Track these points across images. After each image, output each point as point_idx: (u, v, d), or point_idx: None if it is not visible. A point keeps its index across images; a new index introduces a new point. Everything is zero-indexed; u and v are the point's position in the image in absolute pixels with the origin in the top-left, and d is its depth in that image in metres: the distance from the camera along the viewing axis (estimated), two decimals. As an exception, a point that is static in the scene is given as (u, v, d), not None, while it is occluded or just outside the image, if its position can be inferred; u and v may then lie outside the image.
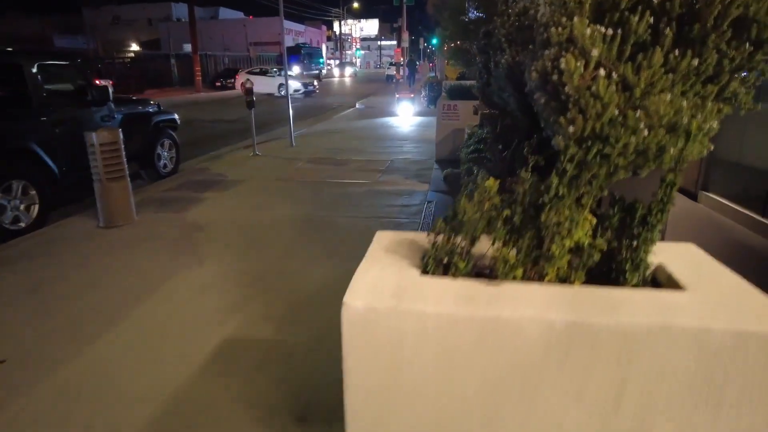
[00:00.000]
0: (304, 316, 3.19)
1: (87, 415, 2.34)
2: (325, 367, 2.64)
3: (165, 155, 7.33)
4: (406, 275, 1.67)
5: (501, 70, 2.60)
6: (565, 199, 1.55)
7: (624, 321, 1.39)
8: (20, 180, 4.97)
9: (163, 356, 2.79)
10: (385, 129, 11.90)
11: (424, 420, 1.59)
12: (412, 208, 5.52)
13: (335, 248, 4.33)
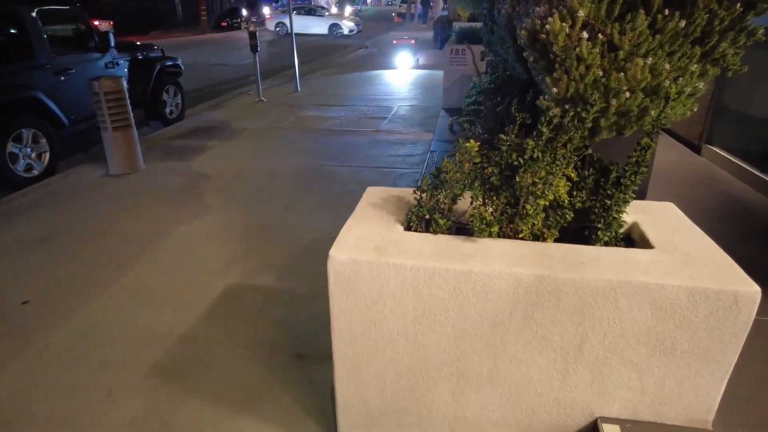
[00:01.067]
0: (304, 265, 3.35)
1: (103, 352, 2.55)
2: (323, 312, 2.81)
3: (170, 102, 7.34)
4: (389, 231, 1.77)
5: (503, 19, 2.57)
6: (539, 161, 1.61)
7: (588, 276, 1.50)
8: (29, 128, 5.06)
9: (170, 300, 2.98)
10: (393, 74, 11.68)
11: (401, 362, 1.75)
12: (414, 158, 5.56)
13: (335, 198, 4.44)
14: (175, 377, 2.38)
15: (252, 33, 8.24)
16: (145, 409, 2.20)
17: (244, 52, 16.01)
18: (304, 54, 15.63)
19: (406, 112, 7.81)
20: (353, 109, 8.02)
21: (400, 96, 9.04)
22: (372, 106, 8.19)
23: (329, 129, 6.82)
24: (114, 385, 2.33)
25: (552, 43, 1.80)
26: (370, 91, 9.60)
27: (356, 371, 1.81)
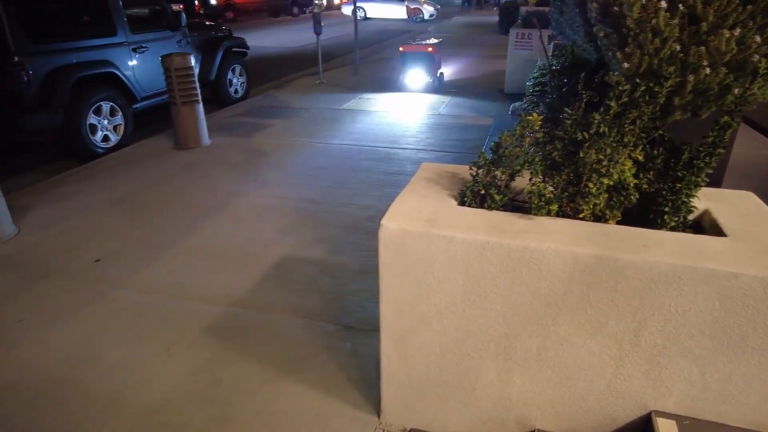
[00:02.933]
0: (356, 240, 3.38)
1: (164, 309, 2.70)
2: (370, 287, 2.84)
3: (236, 81, 7.58)
4: (442, 204, 1.75)
5: (572, -3, 2.46)
6: (606, 137, 1.54)
7: (650, 259, 1.42)
8: (108, 102, 5.39)
9: (227, 266, 3.11)
10: (454, 57, 11.48)
11: (447, 337, 1.73)
12: (473, 142, 5.46)
13: (389, 179, 4.44)
14: (227, 337, 2.49)
15: (315, 16, 8.33)
16: (198, 364, 2.32)
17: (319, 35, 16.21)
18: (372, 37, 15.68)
19: (460, 101, 7.66)
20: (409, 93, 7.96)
21: (461, 80, 8.88)
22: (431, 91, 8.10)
23: (385, 111, 6.81)
24: (172, 340, 2.47)
25: (626, 15, 1.70)
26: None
27: (402, 342, 1.81)
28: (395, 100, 7.50)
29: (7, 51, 4.53)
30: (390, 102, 7.35)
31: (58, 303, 2.77)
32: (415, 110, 6.88)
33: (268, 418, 2.03)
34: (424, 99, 7.53)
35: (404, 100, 7.49)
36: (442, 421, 1.91)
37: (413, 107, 7.05)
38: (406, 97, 7.63)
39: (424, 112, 6.76)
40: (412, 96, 7.74)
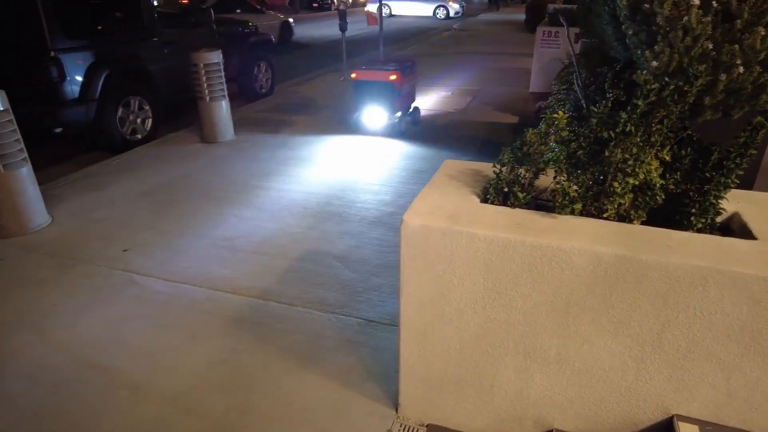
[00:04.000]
0: (379, 236, 3.40)
1: (189, 299, 2.77)
2: (392, 282, 2.86)
3: (261, 77, 7.67)
4: (465, 201, 1.76)
5: (602, -5, 2.44)
6: (632, 136, 1.52)
7: (675, 260, 1.40)
8: (137, 96, 5.52)
9: (253, 258, 3.16)
10: (479, 55, 11.40)
11: (467, 333, 1.74)
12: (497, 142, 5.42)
13: (414, 177, 4.45)
14: (250, 327, 2.53)
15: (341, 13, 8.37)
16: (221, 353, 2.37)
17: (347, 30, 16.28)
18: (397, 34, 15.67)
19: (486, 98, 7.60)
20: (432, 90, 7.93)
21: (486, 78, 8.81)
22: (455, 88, 8.06)
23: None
24: (197, 329, 2.53)
25: (656, 13, 1.68)
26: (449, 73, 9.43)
27: (421, 338, 1.82)
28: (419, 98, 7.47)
29: (44, 46, 4.68)
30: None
31: (88, 290, 2.87)
32: (440, 107, 6.85)
33: (287, 408, 2.07)
34: (449, 96, 7.48)
35: (429, 97, 7.46)
36: (460, 417, 1.92)
37: (438, 104, 7.01)
38: (431, 95, 7.60)
39: (449, 109, 6.73)
40: (439, 93, 7.70)
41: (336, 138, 5.56)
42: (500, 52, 12.12)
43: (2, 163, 3.42)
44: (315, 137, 5.61)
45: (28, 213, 3.60)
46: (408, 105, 5.80)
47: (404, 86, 5.47)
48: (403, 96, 5.49)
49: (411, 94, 5.83)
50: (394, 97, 5.28)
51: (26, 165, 3.57)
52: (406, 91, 5.60)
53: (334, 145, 5.34)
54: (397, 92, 5.29)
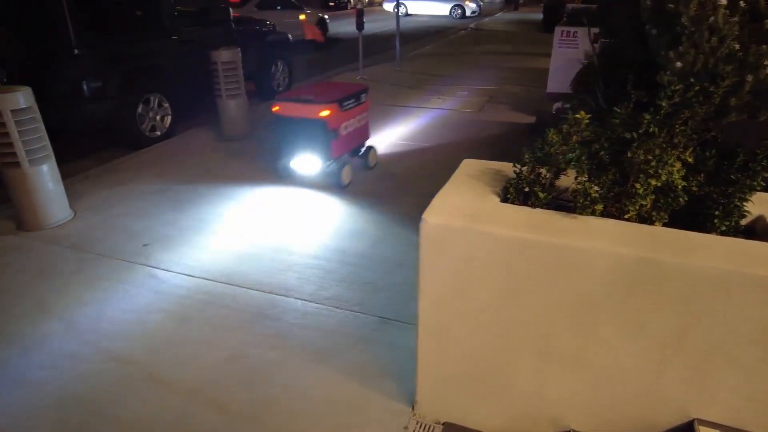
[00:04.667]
0: (397, 235, 3.42)
1: (208, 294, 2.81)
2: (410, 281, 2.87)
3: (278, 75, 7.72)
4: (484, 200, 1.76)
5: (622, -5, 2.42)
6: (655, 137, 1.51)
7: (697, 263, 1.39)
8: (156, 94, 5.59)
9: (270, 255, 3.20)
10: (495, 55, 11.34)
11: (485, 333, 1.75)
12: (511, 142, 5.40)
13: (429, 178, 4.45)
14: (269, 323, 2.57)
15: (359, 12, 8.39)
16: (240, 347, 2.40)
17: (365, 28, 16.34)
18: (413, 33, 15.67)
19: (503, 98, 7.57)
20: (449, 91, 7.92)
21: (503, 78, 8.77)
22: (470, 88, 8.04)
23: (426, 108, 6.80)
24: (217, 322, 2.57)
25: (681, 13, 1.67)
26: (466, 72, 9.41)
27: (439, 336, 1.84)
28: (436, 98, 7.46)
29: (67, 44, 4.77)
30: (431, 100, 7.33)
31: (110, 283, 2.92)
32: (456, 106, 6.83)
33: (305, 403, 2.09)
34: (465, 95, 7.46)
35: (445, 98, 7.44)
36: (476, 416, 1.93)
37: (454, 103, 6.99)
38: (447, 95, 7.58)
39: (465, 109, 6.71)
40: (455, 92, 7.68)
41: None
42: (517, 51, 12.05)
43: (27, 159, 3.50)
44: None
45: (51, 207, 3.68)
46: (355, 146, 4.43)
47: (344, 125, 4.08)
48: (342, 137, 4.09)
49: (360, 133, 4.42)
50: (328, 138, 3.93)
51: (50, 161, 3.65)
52: (350, 130, 4.20)
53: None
54: (332, 133, 3.93)
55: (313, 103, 3.87)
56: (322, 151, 3.97)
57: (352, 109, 4.16)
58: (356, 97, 4.20)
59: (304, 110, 3.88)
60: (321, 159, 4.00)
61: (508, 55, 11.58)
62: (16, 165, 3.48)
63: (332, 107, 3.89)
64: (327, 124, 3.86)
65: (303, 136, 3.96)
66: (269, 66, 7.46)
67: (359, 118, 4.34)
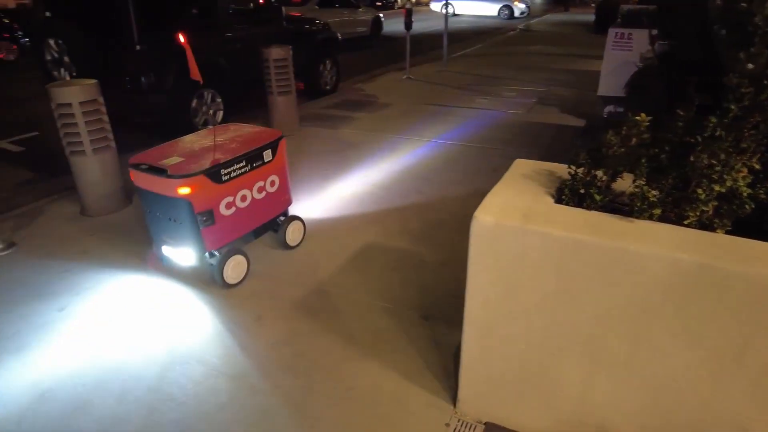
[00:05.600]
0: (438, 234, 3.43)
1: (253, 284, 2.90)
2: (451, 278, 2.88)
3: (326, 74, 7.84)
4: (538, 201, 1.75)
5: (684, -5, 2.35)
6: (722, 141, 1.46)
7: (763, 271, 1.34)
8: (210, 89, 5.80)
9: (314, 250, 3.27)
10: (544, 56, 11.13)
11: (533, 334, 1.73)
12: (560, 145, 5.30)
13: (472, 176, 4.43)
14: (313, 314, 2.63)
15: (408, 11, 8.42)
16: (284, 335, 2.48)
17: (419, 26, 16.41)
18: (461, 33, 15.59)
19: (552, 100, 7.43)
20: (496, 91, 7.83)
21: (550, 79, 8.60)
22: (518, 89, 7.92)
23: (473, 108, 6.76)
24: (262, 312, 2.65)
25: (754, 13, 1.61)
26: (514, 73, 9.27)
27: (485, 335, 1.84)
28: (482, 98, 7.39)
29: (131, 41, 5.02)
30: (477, 100, 7.27)
31: (164, 269, 3.05)
32: (504, 107, 6.76)
33: (347, 393, 2.13)
34: (512, 96, 7.36)
35: (492, 98, 7.37)
36: (519, 417, 1.92)
37: (502, 104, 6.91)
38: (494, 96, 7.51)
39: (512, 110, 6.63)
40: (502, 93, 7.59)
41: (400, 137, 5.61)
42: (566, 53, 11.78)
43: (92, 147, 3.71)
44: (378, 134, 5.68)
45: (111, 195, 3.89)
46: (258, 226, 3.08)
47: (226, 202, 2.77)
48: (224, 221, 2.78)
49: (266, 206, 3.07)
50: (196, 225, 2.67)
51: (111, 150, 3.86)
52: (242, 207, 2.88)
53: (397, 143, 5.39)
54: (202, 217, 2.66)
55: (168, 176, 2.56)
56: (191, 241, 2.73)
57: (244, 177, 2.83)
58: (252, 156, 2.86)
59: (159, 185, 2.63)
60: (193, 251, 2.77)
61: (557, 56, 11.33)
62: (82, 153, 3.70)
63: (197, 182, 2.57)
64: (192, 206, 2.60)
65: (165, 220, 2.78)
66: (318, 65, 7.59)
67: (263, 185, 2.98)
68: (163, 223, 2.79)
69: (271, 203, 3.09)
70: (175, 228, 2.73)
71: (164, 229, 2.81)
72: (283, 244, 3.23)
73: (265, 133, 3.06)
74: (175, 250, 2.85)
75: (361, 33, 14.69)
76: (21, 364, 2.32)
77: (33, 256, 3.26)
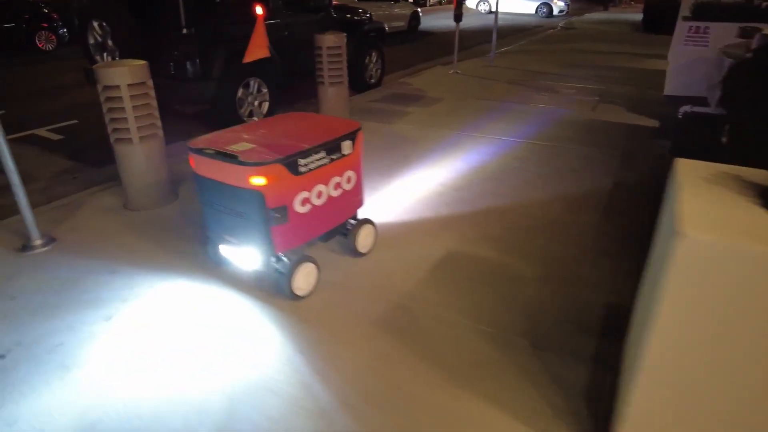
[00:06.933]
0: (527, 241, 3.00)
1: (329, 297, 2.52)
2: (558, 300, 2.45)
3: (371, 66, 7.45)
4: (748, 213, 1.31)
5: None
6: None
7: None
8: (256, 78, 5.45)
9: (387, 255, 2.87)
10: (593, 54, 10.55)
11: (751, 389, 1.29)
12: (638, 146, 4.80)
13: (549, 177, 3.98)
14: (397, 334, 2.23)
15: (459, 3, 7.96)
16: (368, 360, 2.08)
17: (431, 27, 15.97)
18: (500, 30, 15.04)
19: (614, 99, 6.90)
20: (551, 88, 7.34)
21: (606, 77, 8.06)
22: (576, 87, 7.41)
23: (530, 105, 6.29)
24: (339, 329, 2.26)
25: None
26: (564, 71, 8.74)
27: (673, 390, 1.40)
28: (537, 95, 6.91)
29: (177, 22, 4.69)
30: (532, 98, 6.79)
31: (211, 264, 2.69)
32: (563, 105, 6.27)
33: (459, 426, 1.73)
34: (568, 94, 6.86)
35: (547, 96, 6.87)
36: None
37: (560, 103, 6.43)
38: (549, 93, 7.01)
39: (572, 108, 6.13)
40: (557, 91, 7.09)
41: (460, 133, 5.18)
42: (617, 51, 11.17)
43: (139, 135, 3.37)
44: (435, 130, 5.26)
45: (156, 188, 3.55)
46: (330, 228, 2.66)
47: (302, 197, 2.35)
48: (299, 219, 2.38)
49: (340, 206, 2.62)
50: (267, 222, 2.27)
51: (159, 139, 3.52)
52: (318, 204, 2.46)
53: (457, 139, 4.96)
54: (275, 213, 2.25)
55: (240, 163, 2.16)
56: (258, 241, 2.33)
57: (322, 170, 2.41)
58: (332, 147, 2.43)
59: (226, 173, 2.23)
60: (259, 253, 2.39)
61: (606, 54, 10.74)
62: (128, 141, 3.37)
63: (273, 171, 2.18)
64: (265, 200, 2.20)
65: (229, 214, 2.37)
66: (364, 57, 7.20)
67: (339, 182, 2.55)
68: (226, 217, 2.39)
69: (345, 203, 2.66)
70: (241, 224, 2.34)
71: (227, 225, 2.42)
72: (352, 250, 2.81)
73: (343, 123, 2.65)
74: (237, 250, 2.46)
75: (398, 28, 14.33)
76: (67, 386, 1.97)
77: (74, 253, 2.94)
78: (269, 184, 2.18)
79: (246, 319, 2.36)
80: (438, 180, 3.93)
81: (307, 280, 2.47)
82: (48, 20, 11.65)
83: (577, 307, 2.42)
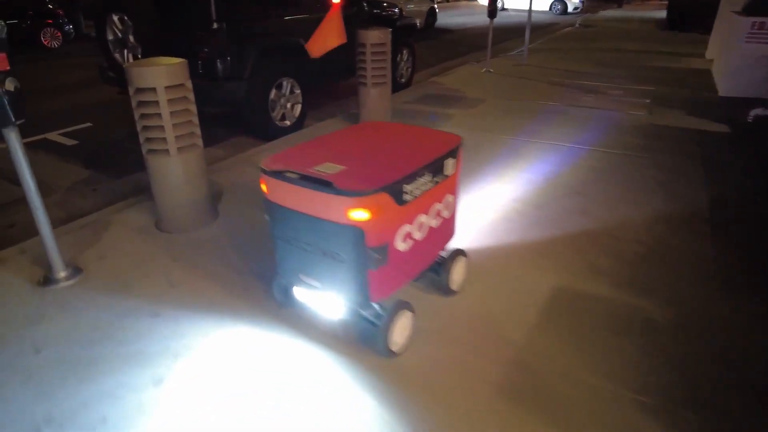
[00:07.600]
0: (643, 276, 2.52)
1: (425, 348, 2.04)
2: (707, 352, 1.98)
3: (402, 65, 6.98)
4: None
5: None
6: None
7: None
8: (289, 78, 4.97)
9: (481, 295, 2.40)
10: (621, 53, 10.06)
11: None
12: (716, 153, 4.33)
13: (638, 192, 3.50)
14: (526, 404, 1.76)
15: (492, -3, 7.47)
16: None
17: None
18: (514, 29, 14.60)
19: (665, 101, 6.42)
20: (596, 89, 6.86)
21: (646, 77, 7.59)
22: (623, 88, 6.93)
23: (575, 106, 5.80)
24: (450, 395, 1.78)
25: None
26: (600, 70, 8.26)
27: None
28: (580, 95, 6.42)
29: (207, 16, 4.21)
30: (576, 97, 6.31)
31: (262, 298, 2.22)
32: (611, 106, 5.79)
33: None
34: (614, 95, 6.38)
35: (592, 96, 6.39)
36: None
37: (607, 104, 5.94)
38: (594, 94, 6.52)
39: (623, 110, 5.65)
40: (601, 91, 6.61)
41: (515, 138, 4.69)
42: (647, 50, 10.68)
43: (177, 146, 2.89)
44: (485, 134, 4.77)
45: (195, 206, 3.07)
46: (426, 267, 2.16)
47: (405, 231, 1.87)
48: (399, 258, 1.88)
49: (437, 238, 2.13)
50: (365, 264, 1.77)
51: (199, 149, 3.03)
52: (419, 238, 1.97)
53: (515, 145, 4.48)
54: (375, 254, 1.75)
55: (339, 192, 1.67)
56: (350, 287, 1.84)
57: (425, 196, 1.92)
58: (436, 168, 1.94)
59: (316, 203, 1.74)
60: (348, 301, 1.89)
61: (638, 53, 10.24)
62: (164, 152, 2.89)
63: (377, 202, 1.69)
64: (364, 237, 1.72)
65: (313, 253, 1.87)
66: (395, 55, 6.71)
67: (440, 209, 2.07)
68: (308, 256, 1.89)
69: (441, 233, 2.16)
70: (329, 266, 1.84)
71: (308, 265, 1.91)
72: (444, 288, 2.33)
73: (441, 137, 2.15)
74: (319, 295, 1.98)
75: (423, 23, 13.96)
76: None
77: (105, 289, 2.46)
78: (373, 218, 1.69)
79: (330, 383, 1.87)
80: (512, 195, 3.46)
81: (405, 333, 1.99)
82: (53, 17, 11.16)
83: (737, 364, 1.95)
